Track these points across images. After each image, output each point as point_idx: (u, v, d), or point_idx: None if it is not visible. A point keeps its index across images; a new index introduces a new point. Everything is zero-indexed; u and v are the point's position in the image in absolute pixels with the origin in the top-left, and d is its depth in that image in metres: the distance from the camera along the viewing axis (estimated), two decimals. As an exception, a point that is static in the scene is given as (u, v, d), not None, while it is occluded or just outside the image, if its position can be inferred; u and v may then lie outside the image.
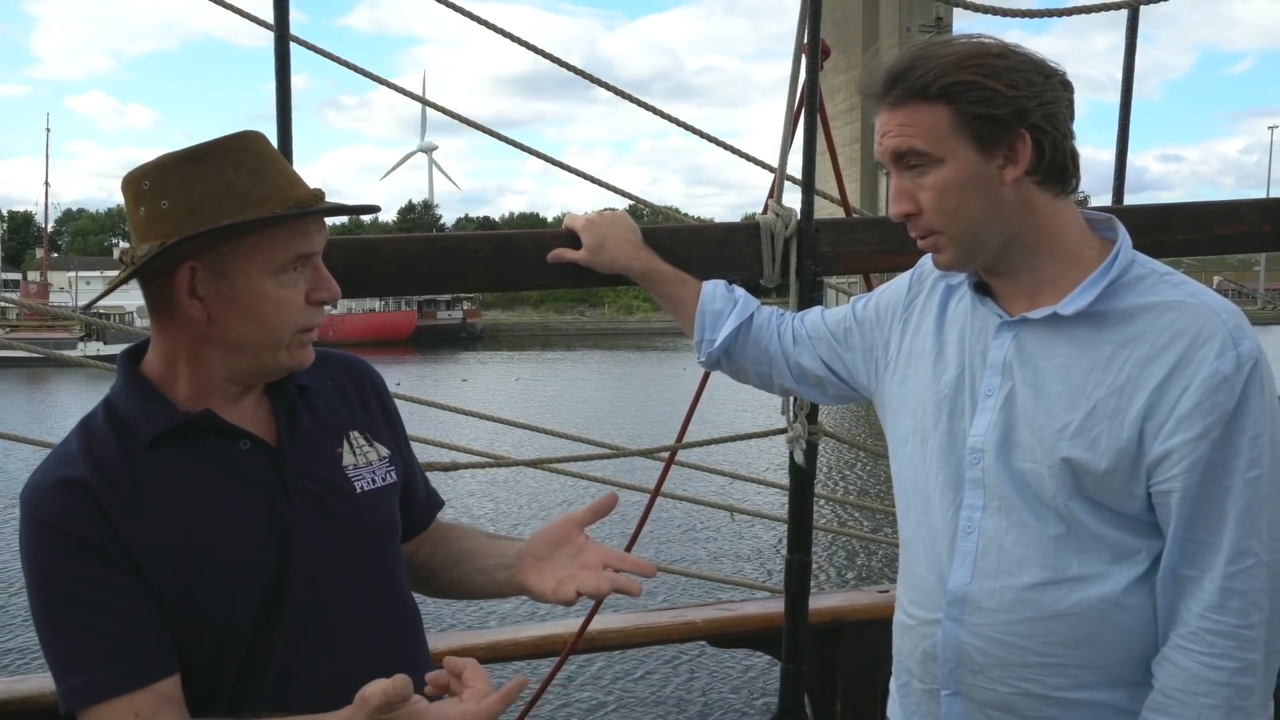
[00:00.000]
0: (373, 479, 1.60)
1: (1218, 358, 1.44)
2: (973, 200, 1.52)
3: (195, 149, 1.43)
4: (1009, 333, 1.60)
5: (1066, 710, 1.57)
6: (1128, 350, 1.50)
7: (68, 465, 1.41)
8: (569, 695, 8.54)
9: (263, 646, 1.45)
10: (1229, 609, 1.45)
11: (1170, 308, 1.50)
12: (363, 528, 1.56)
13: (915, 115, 1.51)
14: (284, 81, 2.18)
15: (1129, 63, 2.76)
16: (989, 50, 1.49)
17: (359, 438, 1.63)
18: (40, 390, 39.32)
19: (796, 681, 2.62)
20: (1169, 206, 2.62)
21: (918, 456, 1.71)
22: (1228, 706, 1.45)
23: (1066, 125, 1.53)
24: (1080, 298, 1.53)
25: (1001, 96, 1.46)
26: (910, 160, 1.54)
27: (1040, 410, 1.55)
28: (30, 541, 1.38)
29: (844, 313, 1.96)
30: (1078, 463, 1.51)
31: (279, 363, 1.50)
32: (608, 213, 2.18)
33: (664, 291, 2.12)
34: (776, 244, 2.36)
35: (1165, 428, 1.46)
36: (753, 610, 2.87)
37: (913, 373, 1.75)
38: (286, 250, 1.44)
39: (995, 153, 1.50)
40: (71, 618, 1.36)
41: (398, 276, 2.24)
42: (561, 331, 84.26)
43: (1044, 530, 1.55)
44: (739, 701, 8.55)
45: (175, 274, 1.41)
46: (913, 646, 1.72)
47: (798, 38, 2.42)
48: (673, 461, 2.82)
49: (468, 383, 41.47)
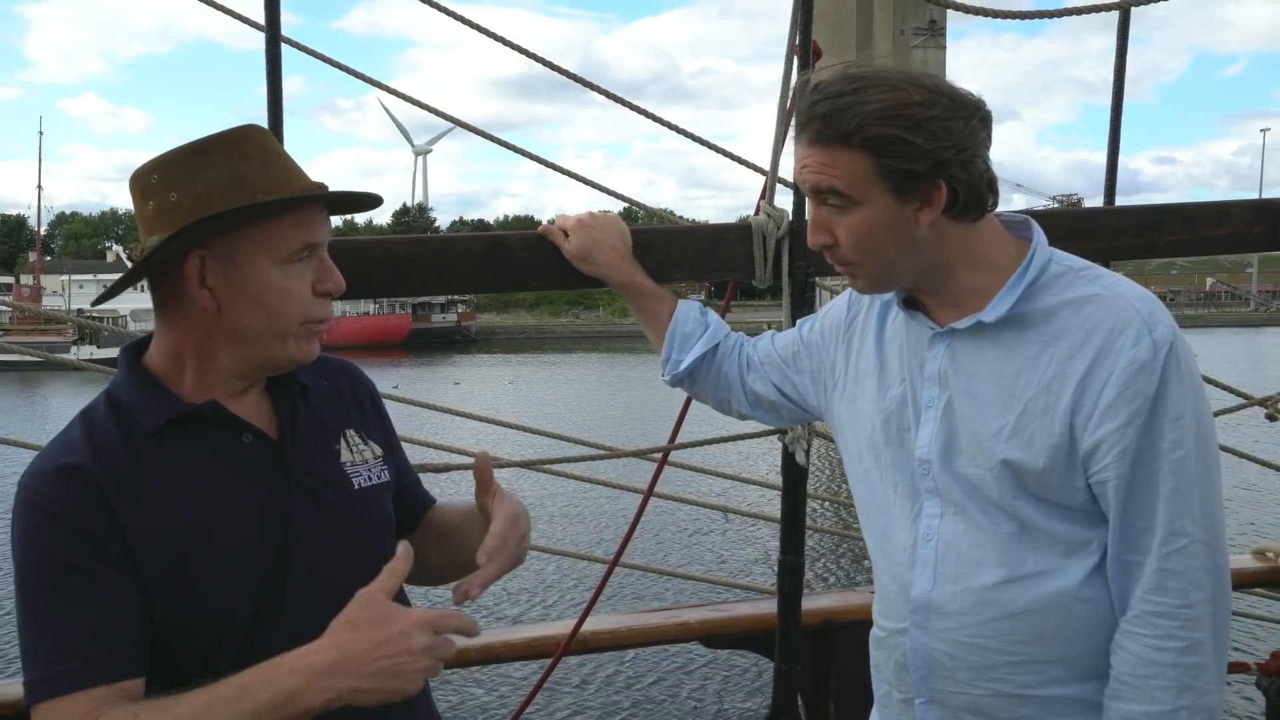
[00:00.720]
0: (369, 476, 1.62)
1: (1134, 345, 1.48)
2: (888, 241, 1.57)
3: (201, 142, 1.45)
4: (942, 343, 1.64)
5: (1039, 708, 1.59)
6: (1051, 348, 1.54)
7: (70, 452, 1.40)
8: (562, 696, 8.54)
9: (259, 637, 1.44)
10: (1168, 589, 1.48)
11: (1087, 302, 1.54)
12: (360, 523, 1.58)
13: (836, 158, 1.53)
14: (275, 83, 2.18)
15: (1120, 65, 2.78)
16: (912, 99, 1.49)
17: (355, 436, 1.65)
18: (35, 394, 39.23)
19: (789, 682, 2.62)
20: (1159, 207, 2.62)
21: (874, 472, 1.75)
22: (1179, 686, 1.48)
23: (984, 163, 1.56)
24: (1000, 304, 1.57)
25: (920, 151, 1.49)
26: (829, 198, 1.57)
27: (976, 416, 1.59)
28: (25, 527, 1.37)
29: (792, 336, 2.01)
30: (1016, 463, 1.54)
31: (286, 354, 1.51)
32: (600, 215, 2.18)
33: (640, 305, 2.15)
34: (768, 245, 2.36)
35: (1093, 419, 1.50)
36: (746, 611, 2.86)
37: (860, 391, 1.79)
38: (293, 239, 1.46)
39: (911, 199, 1.53)
40: (52, 608, 1.35)
41: (390, 278, 2.23)
42: (556, 334, 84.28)
43: (997, 531, 1.58)
44: (732, 702, 8.55)
45: (185, 264, 1.43)
46: (886, 657, 1.74)
47: (789, 40, 2.42)
48: (666, 462, 2.82)
49: (460, 385, 41.41)
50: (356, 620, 1.32)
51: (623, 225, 2.19)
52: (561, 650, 2.63)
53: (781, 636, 2.59)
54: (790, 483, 2.56)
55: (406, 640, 1.31)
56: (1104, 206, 2.75)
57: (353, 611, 1.34)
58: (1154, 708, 1.49)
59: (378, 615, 1.32)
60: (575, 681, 8.79)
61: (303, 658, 1.31)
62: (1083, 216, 2.71)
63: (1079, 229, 2.52)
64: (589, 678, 8.89)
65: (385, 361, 51.26)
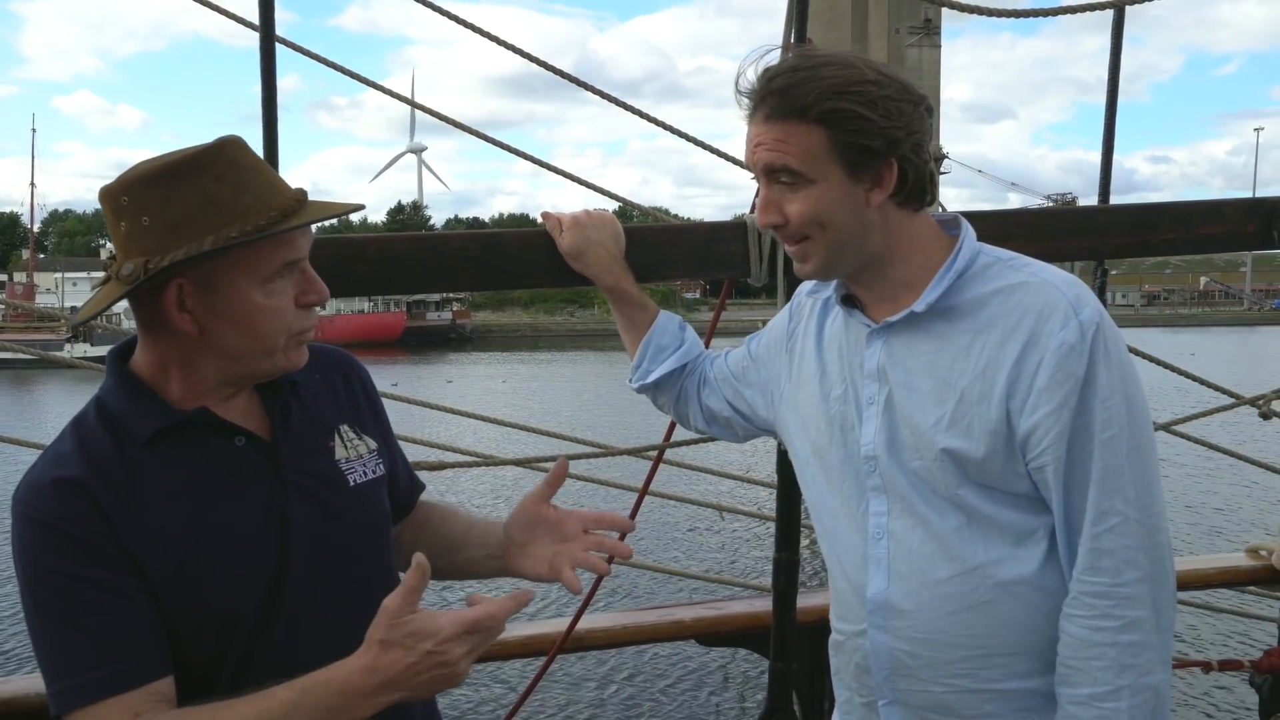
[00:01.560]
0: (364, 472, 1.62)
1: (1062, 328, 1.50)
2: (839, 219, 1.59)
3: (173, 163, 1.40)
4: (879, 339, 1.66)
5: (1002, 703, 1.60)
6: (983, 336, 1.56)
7: (63, 464, 1.40)
8: (557, 695, 8.54)
9: (262, 637, 1.45)
10: (1101, 569, 1.50)
11: (1015, 289, 1.56)
12: (357, 520, 1.58)
13: (792, 134, 1.55)
14: (269, 83, 2.18)
15: (1114, 64, 2.78)
16: (866, 77, 1.53)
17: (349, 431, 1.64)
18: (29, 391, 39.13)
19: (785, 680, 2.62)
20: (1153, 205, 2.63)
21: (820, 476, 1.77)
22: (1118, 666, 1.48)
23: (927, 151, 1.60)
24: (931, 293, 1.60)
25: (876, 127, 1.52)
26: (782, 176, 1.59)
27: (915, 408, 1.61)
28: (24, 542, 1.37)
29: (742, 352, 2.04)
30: (956, 451, 1.56)
31: (275, 366, 1.50)
32: (596, 214, 2.18)
33: (623, 311, 2.16)
34: (763, 242, 2.36)
35: (1028, 403, 1.51)
36: (741, 609, 2.86)
37: (804, 396, 1.81)
38: (273, 260, 1.43)
39: (863, 177, 1.56)
40: (65, 618, 1.35)
41: (384, 276, 2.23)
42: (551, 332, 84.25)
43: (945, 524, 1.60)
44: (727, 700, 8.55)
45: (164, 291, 1.40)
46: (846, 661, 1.76)
47: (784, 38, 2.42)
48: (661, 460, 2.82)
49: (453, 383, 41.31)
50: (389, 641, 1.35)
51: (617, 226, 2.19)
52: (556, 648, 2.63)
53: (777, 634, 2.59)
54: (785, 480, 2.55)
55: (440, 655, 1.35)
56: (1098, 205, 2.75)
57: (382, 630, 1.35)
58: (1096, 689, 1.50)
59: (407, 636, 1.34)
60: (570, 679, 8.80)
61: (350, 680, 1.35)
62: (1077, 215, 2.71)
63: (1073, 228, 2.53)
64: (584, 676, 8.90)
65: (379, 360, 51.12)
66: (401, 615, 1.35)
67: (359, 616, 1.51)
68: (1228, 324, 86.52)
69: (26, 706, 2.22)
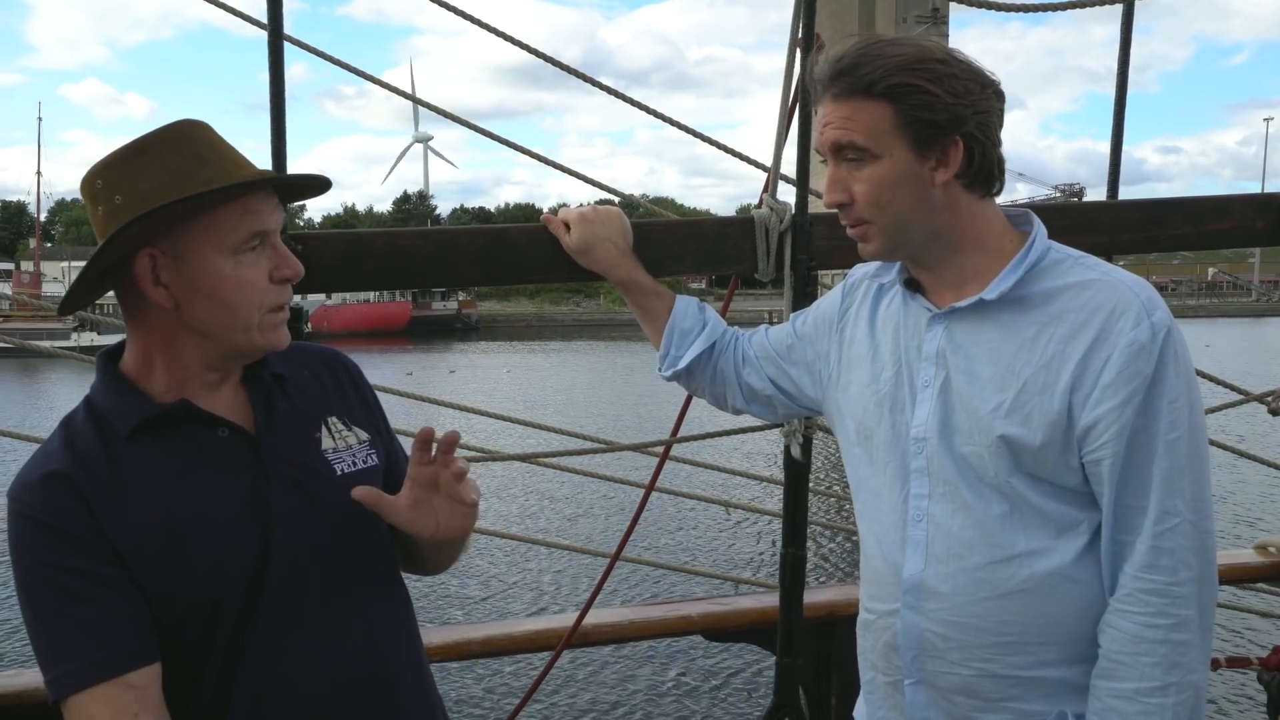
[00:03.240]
0: (353, 462, 1.63)
1: (1134, 328, 1.52)
2: (903, 197, 1.61)
3: (138, 142, 1.47)
4: (940, 324, 1.68)
5: (1026, 689, 1.62)
6: (1051, 329, 1.58)
7: (50, 461, 1.45)
8: (564, 690, 8.55)
9: (248, 626, 1.47)
10: (1159, 568, 1.52)
11: (1086, 286, 1.58)
12: (343, 510, 1.57)
13: (858, 110, 1.58)
14: (278, 79, 2.18)
15: (1124, 58, 2.76)
16: (933, 55, 1.56)
17: (337, 423, 1.66)
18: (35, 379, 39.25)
19: (791, 675, 2.62)
20: (1162, 201, 2.62)
21: (865, 456, 1.79)
22: (1167, 663, 1.51)
23: (996, 134, 1.62)
24: (1002, 282, 1.61)
25: (941, 103, 1.54)
26: (849, 153, 1.61)
27: (974, 393, 1.62)
28: (16, 536, 1.42)
29: (786, 330, 2.04)
30: (1014, 439, 1.57)
31: (252, 344, 1.52)
32: (602, 209, 2.18)
33: (638, 302, 2.16)
34: (771, 239, 2.36)
35: (1091, 397, 1.53)
36: (748, 604, 2.87)
37: (854, 377, 1.83)
38: (239, 229, 1.46)
39: (929, 155, 1.58)
40: (55, 609, 1.40)
41: (391, 270, 2.24)
42: (557, 322, 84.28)
43: (988, 511, 1.61)
44: (734, 695, 8.55)
45: (135, 264, 1.45)
46: (875, 640, 1.77)
47: (792, 32, 2.41)
48: (667, 456, 2.82)
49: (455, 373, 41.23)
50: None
51: (624, 221, 2.19)
52: (564, 643, 2.64)
53: (783, 630, 2.59)
54: (792, 476, 2.56)
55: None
56: (1107, 200, 2.74)
57: None
58: (1143, 684, 1.51)
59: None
60: (577, 674, 8.81)
61: None
62: (1086, 210, 2.70)
63: (1082, 223, 2.52)
64: (591, 671, 8.90)
65: (385, 349, 51.16)
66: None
67: (345, 604, 1.56)
68: (1235, 315, 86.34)
69: (37, 699, 2.23)
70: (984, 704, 1.64)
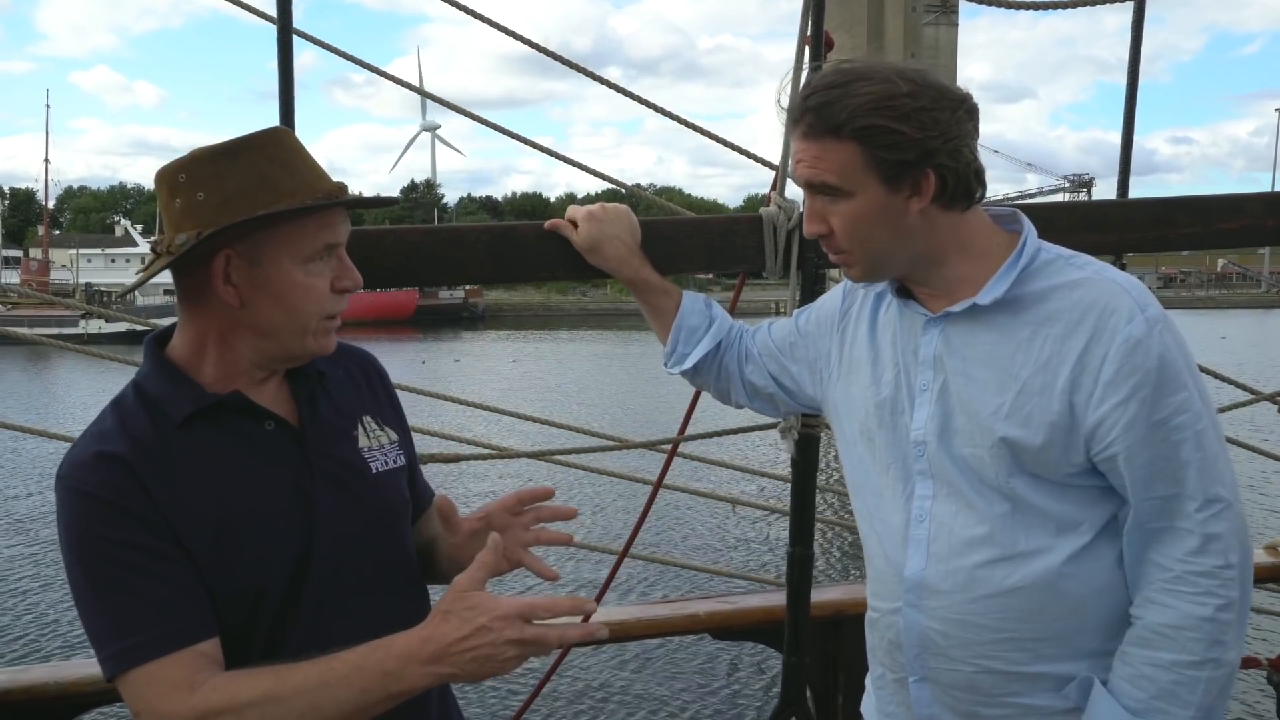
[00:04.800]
0: (385, 461, 1.69)
1: (1128, 323, 1.54)
2: (879, 229, 1.63)
3: (230, 144, 1.51)
4: (935, 328, 1.70)
5: (1028, 685, 1.65)
6: (1046, 329, 1.60)
7: (105, 441, 1.47)
8: (571, 687, 8.56)
9: (291, 610, 1.52)
10: (1210, 551, 1.55)
11: (1078, 285, 1.60)
12: (379, 505, 1.64)
13: (827, 150, 1.59)
14: (286, 73, 2.20)
15: (1135, 53, 2.76)
16: (900, 90, 1.55)
17: (371, 422, 1.71)
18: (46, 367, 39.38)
19: (798, 674, 2.63)
20: (1172, 200, 2.61)
21: (867, 457, 1.81)
22: (1209, 640, 1.54)
23: (970, 153, 1.62)
24: (995, 288, 1.63)
25: (909, 140, 1.55)
26: (822, 190, 1.63)
27: (973, 396, 1.64)
28: (71, 514, 1.43)
29: (789, 326, 2.06)
30: (1014, 440, 1.59)
31: (305, 348, 1.57)
32: (610, 207, 2.18)
33: (646, 299, 2.16)
34: (779, 236, 2.36)
35: (1094, 396, 1.55)
36: (755, 603, 2.87)
37: (855, 379, 1.85)
38: (315, 240, 1.52)
39: (901, 188, 1.59)
40: (115, 582, 1.41)
41: (399, 267, 2.25)
42: (563, 312, 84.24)
43: (990, 510, 1.64)
44: (741, 694, 8.56)
45: (211, 262, 1.48)
46: (880, 638, 1.80)
47: (800, 30, 2.40)
48: (675, 453, 2.82)
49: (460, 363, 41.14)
50: (450, 611, 1.40)
51: (633, 218, 2.18)
52: (570, 640, 2.63)
53: (790, 629, 2.59)
54: (800, 474, 2.56)
55: (491, 634, 1.38)
56: (1117, 199, 2.73)
57: (447, 602, 1.41)
58: (1183, 656, 1.55)
59: (467, 608, 1.40)
60: (585, 672, 8.81)
61: (408, 646, 1.40)
62: (1095, 209, 2.70)
63: (1091, 222, 2.51)
64: (598, 668, 8.91)
65: (392, 338, 51.17)
66: (469, 590, 1.41)
67: (379, 597, 1.61)
68: (1245, 307, 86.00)
69: (45, 695, 2.24)
70: (986, 699, 1.67)
